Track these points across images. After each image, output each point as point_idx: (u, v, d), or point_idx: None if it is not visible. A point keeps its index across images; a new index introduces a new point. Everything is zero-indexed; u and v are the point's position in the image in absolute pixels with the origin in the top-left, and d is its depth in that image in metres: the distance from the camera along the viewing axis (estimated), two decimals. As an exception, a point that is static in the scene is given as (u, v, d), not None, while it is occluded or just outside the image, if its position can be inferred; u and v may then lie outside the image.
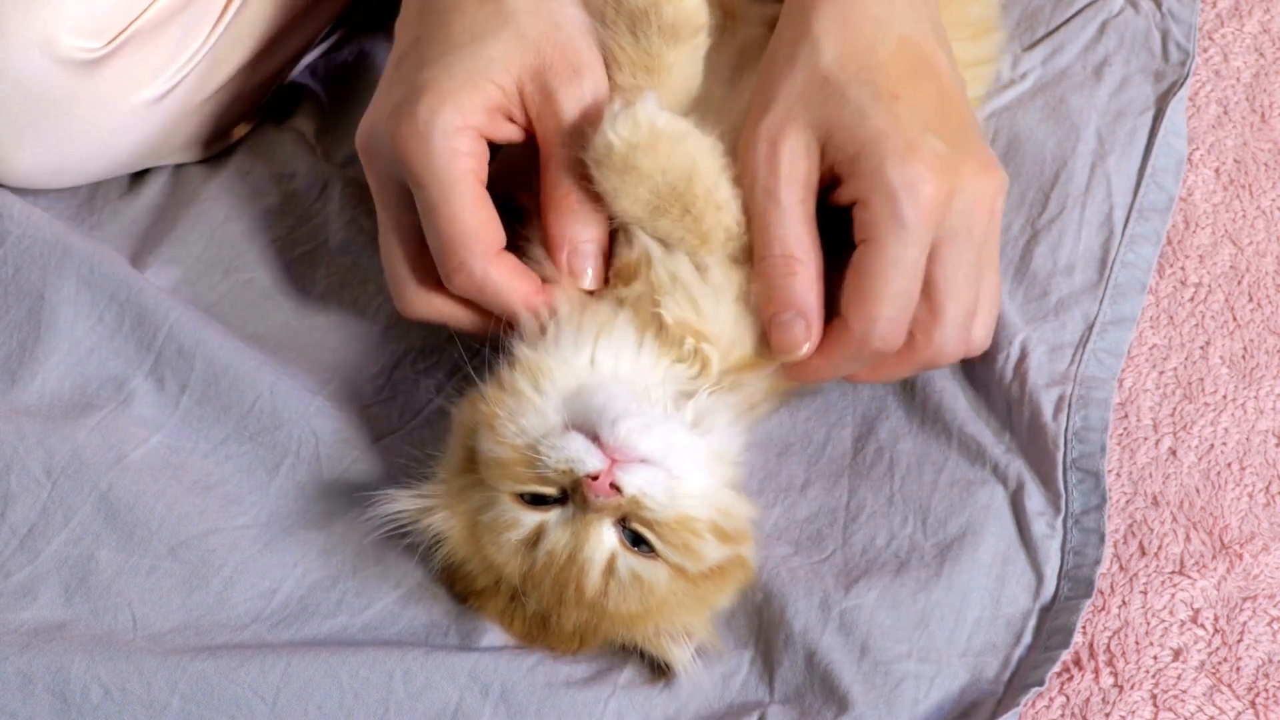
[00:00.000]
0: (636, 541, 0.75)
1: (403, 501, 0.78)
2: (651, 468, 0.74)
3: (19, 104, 0.91)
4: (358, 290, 0.94)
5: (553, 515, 0.75)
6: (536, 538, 0.75)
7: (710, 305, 0.79)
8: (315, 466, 0.85)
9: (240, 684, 0.76)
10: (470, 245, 0.77)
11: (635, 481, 0.74)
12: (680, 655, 0.77)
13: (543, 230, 0.80)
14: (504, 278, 0.78)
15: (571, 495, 0.75)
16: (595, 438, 0.74)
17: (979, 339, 0.82)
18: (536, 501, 0.75)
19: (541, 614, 0.77)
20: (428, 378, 0.90)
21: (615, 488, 0.73)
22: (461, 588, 0.80)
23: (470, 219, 0.77)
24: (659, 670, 0.78)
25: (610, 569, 0.75)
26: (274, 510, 0.84)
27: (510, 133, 0.80)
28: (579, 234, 0.79)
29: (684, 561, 0.75)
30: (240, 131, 1.04)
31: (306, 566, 0.82)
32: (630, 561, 0.75)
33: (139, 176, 1.02)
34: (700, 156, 0.76)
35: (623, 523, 0.75)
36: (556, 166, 0.79)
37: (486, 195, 0.79)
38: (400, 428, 0.87)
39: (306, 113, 1.06)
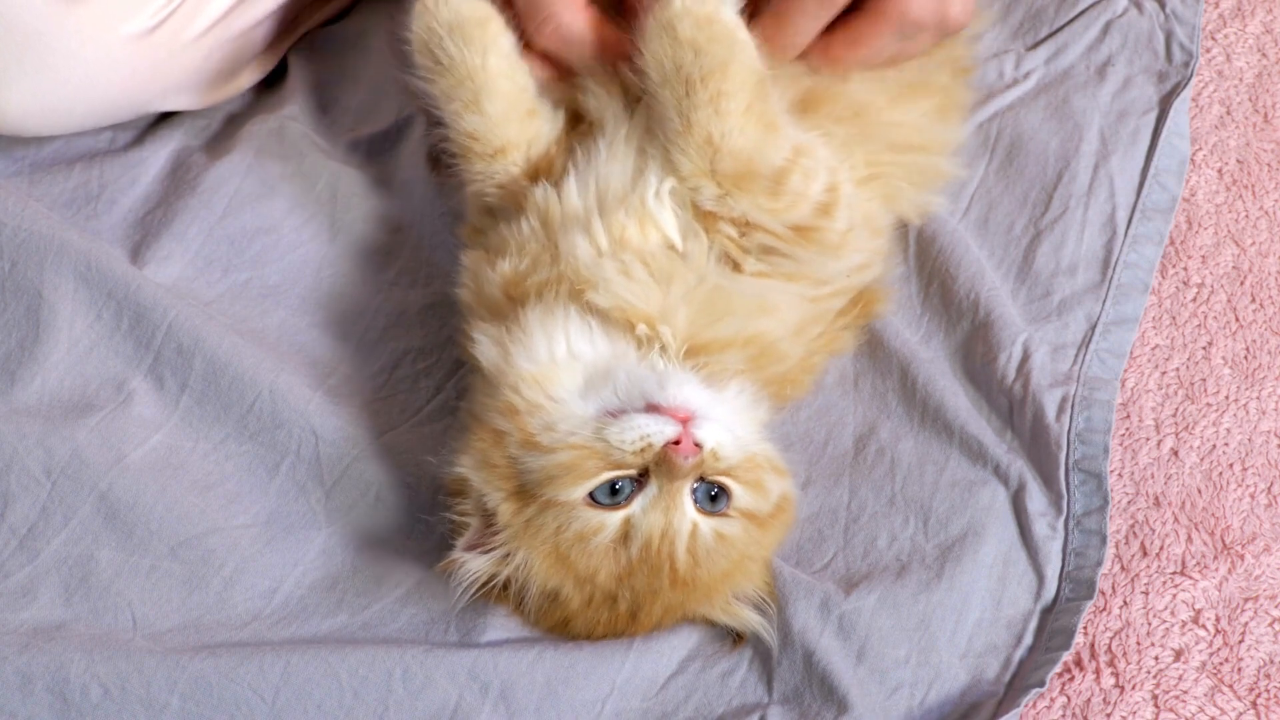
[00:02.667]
0: (709, 500, 0.76)
1: (476, 562, 0.77)
2: (709, 420, 0.76)
3: (2, 37, 0.91)
4: (358, 288, 0.95)
5: (636, 505, 0.75)
6: (626, 533, 0.75)
7: (627, 287, 0.80)
8: (315, 466, 0.85)
9: (240, 683, 0.76)
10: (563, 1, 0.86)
11: (710, 435, 0.75)
12: (750, 618, 0.78)
13: None
14: (589, 29, 0.86)
15: (654, 471, 0.75)
16: (654, 408, 0.75)
17: (956, 12, 0.85)
18: (611, 498, 0.75)
19: (631, 610, 0.77)
20: (427, 377, 0.90)
21: (697, 445, 0.74)
22: (555, 617, 0.78)
23: None
24: (734, 639, 0.79)
25: (694, 537, 0.76)
26: (274, 510, 0.84)
27: None
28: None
29: (756, 503, 0.77)
30: (238, 87, 1.03)
31: (306, 566, 0.82)
32: (710, 524, 0.76)
33: (136, 163, 1.00)
34: (738, 61, 0.78)
35: (695, 482, 0.76)
36: None
37: None
38: (400, 425, 0.87)
39: (307, 103, 1.05)
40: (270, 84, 1.07)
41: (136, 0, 0.95)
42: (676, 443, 0.74)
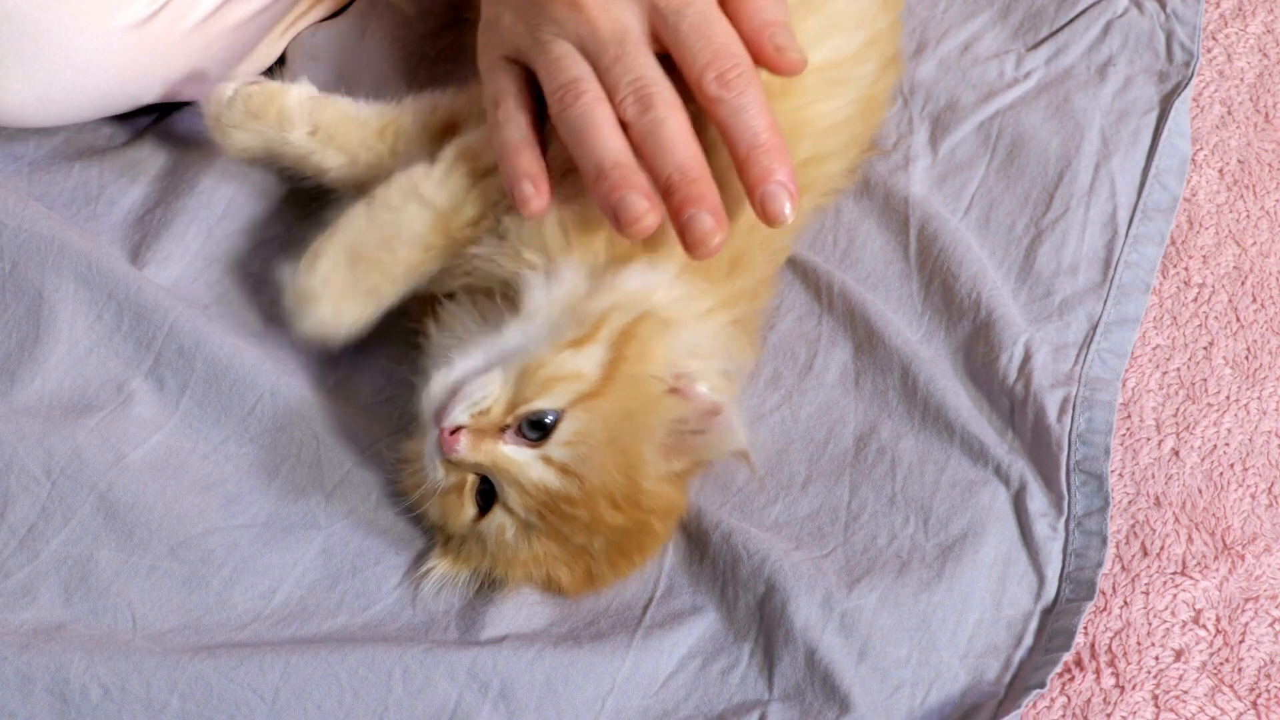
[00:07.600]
0: (534, 431, 0.76)
1: (443, 565, 0.81)
2: (461, 392, 0.76)
3: None
4: (358, 290, 0.94)
5: (498, 495, 0.77)
6: (521, 521, 0.77)
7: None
8: (316, 469, 0.85)
9: (239, 683, 0.75)
10: None
11: (454, 412, 0.76)
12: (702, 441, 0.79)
13: None
14: None
15: (473, 474, 0.77)
16: (432, 428, 0.78)
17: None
18: (487, 501, 0.78)
19: (611, 542, 0.78)
20: (427, 378, 0.90)
21: (455, 433, 0.75)
22: (559, 587, 0.80)
23: None
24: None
25: (552, 464, 0.76)
26: (274, 510, 0.84)
27: None
28: None
29: (575, 388, 0.76)
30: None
31: (306, 567, 0.82)
32: (553, 445, 0.76)
33: (135, 162, 1.00)
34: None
35: (505, 431, 0.76)
36: None
37: None
38: (401, 428, 0.87)
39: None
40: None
41: None
42: (445, 449, 0.76)
